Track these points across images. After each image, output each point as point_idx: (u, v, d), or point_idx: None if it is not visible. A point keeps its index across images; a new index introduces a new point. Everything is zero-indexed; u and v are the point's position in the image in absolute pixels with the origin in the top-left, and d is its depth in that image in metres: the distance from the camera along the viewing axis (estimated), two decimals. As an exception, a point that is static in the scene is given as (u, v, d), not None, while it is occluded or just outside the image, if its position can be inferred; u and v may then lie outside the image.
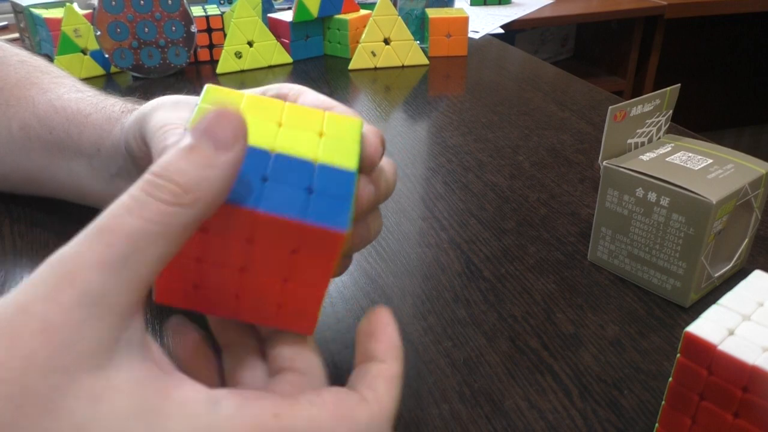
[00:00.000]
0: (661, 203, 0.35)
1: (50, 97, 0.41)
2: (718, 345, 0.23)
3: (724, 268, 0.37)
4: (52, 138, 0.40)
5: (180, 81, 0.79)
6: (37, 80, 0.43)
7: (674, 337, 0.34)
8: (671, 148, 0.39)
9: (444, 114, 0.67)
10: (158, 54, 0.78)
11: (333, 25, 0.87)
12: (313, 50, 0.88)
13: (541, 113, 0.66)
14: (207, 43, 0.85)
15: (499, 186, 0.51)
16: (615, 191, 0.37)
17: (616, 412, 0.29)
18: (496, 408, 0.30)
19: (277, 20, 0.86)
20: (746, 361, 0.22)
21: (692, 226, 0.34)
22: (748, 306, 0.25)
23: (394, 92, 0.75)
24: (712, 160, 0.37)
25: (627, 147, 0.39)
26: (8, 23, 1.06)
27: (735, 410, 0.23)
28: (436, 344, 0.34)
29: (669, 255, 0.36)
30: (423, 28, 0.91)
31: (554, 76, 0.80)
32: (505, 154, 0.56)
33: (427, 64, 0.85)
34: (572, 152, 0.57)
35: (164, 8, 0.76)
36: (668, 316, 0.36)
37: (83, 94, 0.41)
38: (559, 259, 0.41)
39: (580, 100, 0.70)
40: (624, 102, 0.37)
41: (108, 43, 0.76)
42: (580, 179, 0.52)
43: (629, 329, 0.35)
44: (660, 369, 0.32)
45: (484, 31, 1.05)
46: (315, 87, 0.75)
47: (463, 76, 0.81)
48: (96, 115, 0.39)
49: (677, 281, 0.36)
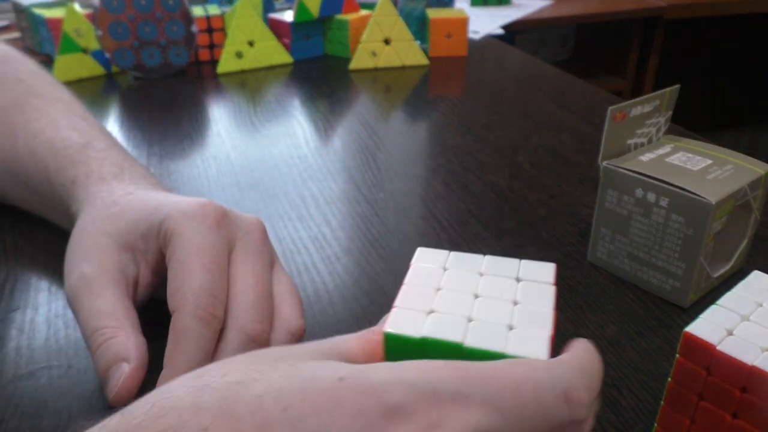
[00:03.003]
0: (660, 204, 0.35)
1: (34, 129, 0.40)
2: (717, 345, 0.23)
3: (723, 269, 0.37)
4: (27, 179, 0.40)
5: (181, 81, 0.79)
6: (26, 105, 0.42)
7: (673, 338, 0.34)
8: (671, 149, 0.39)
9: (444, 114, 0.67)
10: (159, 54, 0.78)
11: (334, 25, 0.87)
12: (313, 50, 0.88)
13: (541, 114, 0.66)
14: (208, 42, 0.85)
15: (499, 186, 0.51)
16: (615, 191, 0.37)
17: (615, 412, 0.29)
18: (496, 408, 0.30)
19: (278, 20, 0.86)
20: (745, 362, 0.22)
21: (691, 227, 0.34)
22: (747, 306, 0.25)
23: (395, 92, 0.75)
24: (712, 161, 0.37)
25: (627, 147, 0.39)
26: (9, 23, 1.06)
27: (734, 410, 0.23)
28: (436, 344, 0.34)
29: (668, 255, 0.36)
30: (423, 28, 0.91)
31: (554, 77, 0.80)
32: (505, 154, 0.57)
33: (428, 64, 0.85)
34: (572, 152, 0.57)
35: (165, 8, 0.76)
36: (667, 317, 0.36)
37: (64, 143, 0.39)
38: (559, 259, 0.41)
39: (580, 100, 0.70)
40: (624, 102, 0.37)
41: (109, 43, 0.76)
42: (580, 179, 0.52)
43: (628, 329, 0.35)
44: (659, 369, 0.32)
45: (484, 32, 1.05)
46: (315, 87, 0.76)
47: (463, 77, 0.81)
48: (62, 175, 0.38)
49: (676, 281, 0.36)
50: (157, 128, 0.64)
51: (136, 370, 0.27)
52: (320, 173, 0.54)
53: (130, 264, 0.31)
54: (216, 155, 0.57)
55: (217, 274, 0.29)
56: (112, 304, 0.29)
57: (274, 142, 0.60)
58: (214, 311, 0.28)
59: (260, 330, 0.28)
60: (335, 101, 0.71)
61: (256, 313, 0.29)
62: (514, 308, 0.25)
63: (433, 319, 0.25)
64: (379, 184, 0.52)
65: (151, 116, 0.67)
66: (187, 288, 0.28)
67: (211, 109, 0.69)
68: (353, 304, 0.37)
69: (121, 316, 0.29)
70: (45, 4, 0.86)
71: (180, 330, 0.27)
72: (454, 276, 0.27)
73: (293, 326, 0.30)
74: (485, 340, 0.24)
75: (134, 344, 0.28)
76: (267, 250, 0.32)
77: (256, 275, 0.30)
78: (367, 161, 0.56)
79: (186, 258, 0.29)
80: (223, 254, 0.29)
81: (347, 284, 0.39)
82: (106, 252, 0.30)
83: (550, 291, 0.26)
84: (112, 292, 0.29)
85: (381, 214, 0.47)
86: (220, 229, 0.30)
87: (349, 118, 0.66)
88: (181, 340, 0.27)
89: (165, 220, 0.30)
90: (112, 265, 0.30)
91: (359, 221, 0.46)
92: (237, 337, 0.28)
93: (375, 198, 0.49)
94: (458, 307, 0.26)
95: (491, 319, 0.25)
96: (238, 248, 0.31)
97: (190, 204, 0.31)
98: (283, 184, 0.52)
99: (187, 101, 0.72)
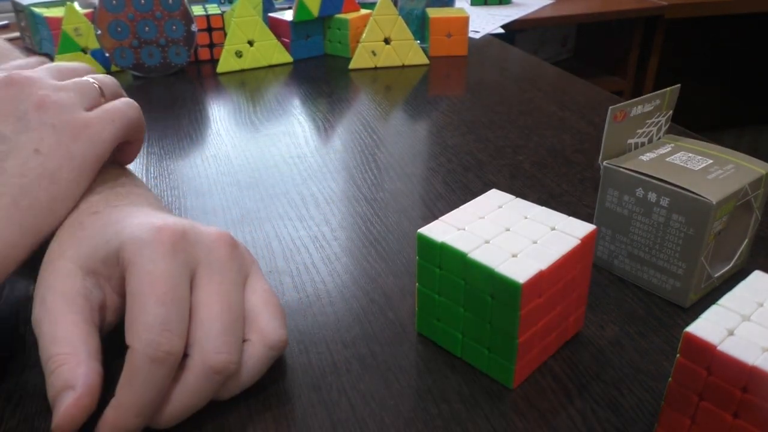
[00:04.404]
0: (661, 203, 0.35)
1: None
2: (718, 345, 0.23)
3: (724, 269, 0.37)
4: None
5: (180, 80, 0.79)
6: None
7: (674, 338, 0.34)
8: (671, 149, 0.39)
9: (444, 114, 0.67)
10: (159, 53, 0.78)
11: (333, 25, 0.87)
12: (313, 50, 0.88)
13: (541, 113, 0.66)
14: (207, 42, 0.85)
15: (499, 186, 0.51)
16: (615, 191, 0.37)
17: (615, 413, 0.29)
18: (496, 408, 0.30)
19: (278, 19, 0.86)
20: (746, 362, 0.22)
21: (692, 227, 0.34)
22: (748, 306, 0.25)
23: (395, 92, 0.75)
24: (712, 161, 0.37)
25: (627, 147, 0.39)
26: (9, 22, 1.06)
27: (734, 410, 0.23)
28: (435, 343, 0.34)
29: (669, 255, 0.36)
30: (423, 27, 0.91)
31: (554, 76, 0.80)
32: (505, 154, 0.56)
33: (428, 63, 0.85)
34: (572, 152, 0.57)
35: (165, 7, 0.76)
36: (668, 317, 0.36)
37: None
38: (559, 259, 0.41)
39: (580, 100, 0.70)
40: (624, 102, 0.37)
41: (108, 42, 0.76)
42: (580, 179, 0.52)
43: (629, 329, 0.35)
44: (659, 369, 0.32)
45: (484, 31, 1.05)
46: (315, 86, 0.76)
47: (464, 76, 0.81)
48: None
49: (677, 281, 0.36)
50: (157, 127, 0.64)
51: (78, 399, 0.26)
52: (320, 173, 0.54)
53: (95, 289, 0.30)
54: (216, 155, 0.57)
55: (174, 305, 0.27)
56: (69, 330, 0.28)
57: (274, 142, 0.60)
58: (170, 348, 0.26)
59: (225, 361, 0.27)
60: (335, 101, 0.71)
61: (222, 343, 0.27)
62: (530, 245, 0.30)
63: (459, 233, 0.31)
64: (379, 183, 0.52)
65: (150, 116, 0.67)
66: (140, 323, 0.26)
67: (211, 109, 0.69)
68: (353, 304, 0.37)
69: (77, 342, 0.27)
70: (44, 3, 0.86)
71: (131, 368, 0.26)
72: (502, 213, 0.33)
73: (270, 339, 0.29)
74: (485, 258, 0.29)
75: (84, 371, 0.26)
76: (235, 265, 0.30)
77: (222, 298, 0.28)
78: (367, 161, 0.56)
79: (139, 289, 0.27)
80: (181, 281, 0.28)
81: (347, 284, 0.39)
82: (69, 278, 0.29)
83: (572, 242, 0.30)
84: (71, 318, 0.28)
85: (381, 214, 0.47)
86: (176, 254, 0.28)
87: (349, 118, 0.66)
88: (131, 378, 0.26)
89: (121, 248, 0.28)
90: (75, 292, 0.29)
91: (359, 221, 0.46)
92: (200, 369, 0.27)
93: (375, 198, 0.49)
94: (485, 232, 0.31)
95: (505, 246, 0.30)
96: (201, 270, 0.29)
97: (145, 229, 0.29)
98: (283, 184, 0.52)
99: (186, 101, 0.72)
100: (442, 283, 0.31)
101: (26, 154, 0.31)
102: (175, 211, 0.48)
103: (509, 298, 0.28)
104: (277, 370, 0.32)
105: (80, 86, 0.35)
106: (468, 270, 0.29)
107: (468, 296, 0.30)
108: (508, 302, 0.28)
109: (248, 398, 0.30)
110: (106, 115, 0.34)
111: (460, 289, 0.30)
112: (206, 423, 0.29)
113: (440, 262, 0.30)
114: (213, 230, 0.31)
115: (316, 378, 0.32)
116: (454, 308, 0.31)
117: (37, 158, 0.31)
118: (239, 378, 0.29)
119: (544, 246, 0.30)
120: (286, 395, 0.31)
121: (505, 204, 0.33)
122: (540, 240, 0.30)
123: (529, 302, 0.28)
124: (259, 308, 0.30)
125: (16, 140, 0.31)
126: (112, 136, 0.34)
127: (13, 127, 0.32)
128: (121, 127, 0.35)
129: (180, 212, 0.47)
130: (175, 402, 0.27)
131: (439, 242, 0.30)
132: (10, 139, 0.31)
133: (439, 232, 0.31)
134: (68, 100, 0.34)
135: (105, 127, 0.34)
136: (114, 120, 0.34)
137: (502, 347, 0.30)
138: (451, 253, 0.30)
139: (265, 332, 0.29)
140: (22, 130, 0.32)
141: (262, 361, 0.29)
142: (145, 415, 0.26)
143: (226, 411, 0.30)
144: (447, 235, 0.30)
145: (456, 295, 0.30)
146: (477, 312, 0.30)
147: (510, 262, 0.28)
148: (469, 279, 0.29)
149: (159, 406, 0.27)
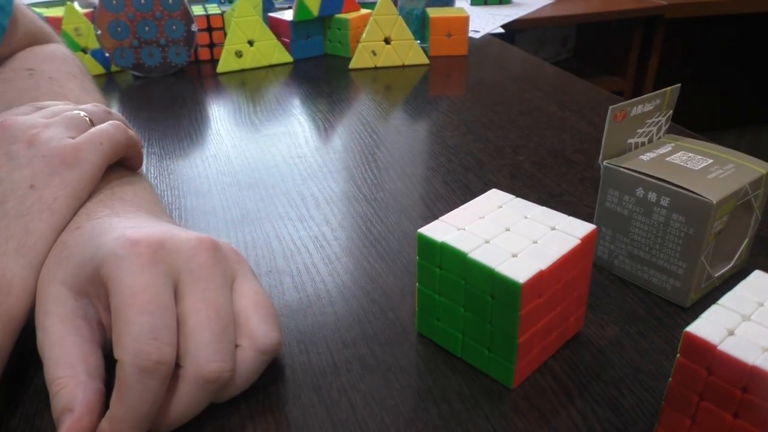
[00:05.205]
0: (661, 203, 0.35)
1: None
2: (718, 345, 0.23)
3: (724, 269, 0.37)
4: None
5: (180, 80, 0.79)
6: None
7: (674, 337, 0.34)
8: (671, 148, 0.39)
9: (444, 113, 0.67)
10: (159, 53, 0.78)
11: (333, 25, 0.87)
12: (313, 49, 0.88)
13: (541, 113, 0.66)
14: (207, 42, 0.85)
15: (499, 186, 0.51)
16: (615, 191, 0.37)
17: (615, 412, 0.29)
18: (496, 408, 0.30)
19: (278, 19, 0.86)
20: (746, 362, 0.22)
21: (692, 226, 0.34)
22: (748, 306, 0.25)
23: (395, 92, 0.75)
24: (713, 160, 0.37)
25: (627, 147, 0.39)
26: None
27: (735, 410, 0.23)
28: (436, 343, 0.34)
29: (669, 255, 0.36)
30: (423, 27, 0.91)
31: (554, 76, 0.80)
32: (505, 154, 0.56)
33: (428, 63, 0.85)
34: (572, 152, 0.57)
35: (165, 7, 0.76)
36: (668, 316, 0.36)
37: None
38: (559, 259, 0.41)
39: (580, 100, 0.70)
40: (624, 102, 0.37)
41: (108, 42, 0.76)
42: (580, 179, 0.52)
43: (629, 329, 0.35)
44: (660, 369, 0.32)
45: (484, 31, 1.05)
46: (315, 86, 0.75)
47: (464, 76, 0.81)
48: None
49: (677, 281, 0.36)
50: (157, 128, 0.64)
51: (76, 421, 0.26)
52: (320, 173, 0.54)
53: (89, 308, 0.30)
54: (216, 154, 0.57)
55: (159, 313, 0.26)
56: (68, 352, 0.28)
57: (274, 142, 0.60)
58: (159, 357, 0.25)
59: (219, 369, 0.27)
60: (335, 100, 0.71)
61: (213, 351, 0.27)
62: (530, 245, 0.30)
63: (459, 233, 0.31)
64: (379, 183, 0.52)
65: (150, 115, 0.67)
66: (126, 335, 0.26)
67: (211, 109, 0.69)
68: (353, 304, 0.37)
69: (76, 363, 0.27)
70: (44, 3, 0.86)
71: (122, 381, 0.25)
72: (502, 213, 0.33)
73: (261, 344, 0.29)
74: (486, 258, 0.29)
75: (82, 392, 0.27)
76: (219, 269, 0.30)
77: (209, 305, 0.28)
78: (367, 161, 0.56)
79: (121, 302, 0.26)
80: (163, 290, 0.27)
81: (347, 284, 0.39)
82: (62, 301, 0.29)
83: (572, 242, 0.30)
84: (71, 340, 0.28)
85: (381, 214, 0.47)
86: (156, 264, 0.28)
87: (349, 118, 0.66)
88: (122, 391, 0.26)
89: (101, 266, 0.28)
90: (71, 313, 0.29)
91: (359, 221, 0.46)
92: (194, 380, 0.27)
93: (375, 198, 0.49)
94: (485, 232, 0.31)
95: (505, 246, 0.30)
96: (184, 279, 0.28)
97: (121, 243, 0.28)
98: (283, 184, 0.52)
99: (186, 100, 0.72)
100: (442, 283, 0.31)
101: (23, 193, 0.32)
102: (175, 211, 0.48)
103: (509, 298, 0.28)
104: (277, 371, 0.32)
105: (68, 119, 0.36)
106: (468, 270, 0.29)
107: (468, 296, 0.30)
108: (509, 302, 0.28)
109: (248, 398, 0.30)
110: (94, 138, 0.35)
111: (461, 289, 0.30)
112: (206, 423, 0.29)
113: (440, 262, 0.30)
114: (192, 236, 0.30)
115: (317, 378, 0.32)
116: (454, 308, 0.31)
117: (34, 193, 0.32)
118: (233, 383, 0.29)
119: (544, 246, 0.30)
120: (286, 395, 0.31)
121: (505, 204, 0.33)
122: (540, 240, 0.30)
123: (529, 302, 0.28)
124: (249, 311, 0.29)
125: (10, 179, 0.33)
126: (101, 159, 0.35)
127: (6, 167, 0.33)
128: (109, 148, 0.35)
129: (180, 212, 0.47)
130: (171, 412, 0.27)
131: (440, 242, 0.30)
132: (4, 179, 0.33)
133: (439, 232, 0.31)
134: (58, 133, 0.34)
135: (94, 149, 0.35)
136: (102, 142, 0.35)
137: (502, 347, 0.30)
138: (451, 253, 0.30)
139: (256, 336, 0.29)
140: (15, 168, 0.33)
141: (255, 366, 0.29)
142: (140, 427, 0.26)
143: (227, 411, 0.30)
144: (447, 235, 0.30)
145: (456, 295, 0.30)
146: (477, 312, 0.30)
147: (510, 262, 0.29)
148: (469, 279, 0.29)
149: (155, 417, 0.27)
